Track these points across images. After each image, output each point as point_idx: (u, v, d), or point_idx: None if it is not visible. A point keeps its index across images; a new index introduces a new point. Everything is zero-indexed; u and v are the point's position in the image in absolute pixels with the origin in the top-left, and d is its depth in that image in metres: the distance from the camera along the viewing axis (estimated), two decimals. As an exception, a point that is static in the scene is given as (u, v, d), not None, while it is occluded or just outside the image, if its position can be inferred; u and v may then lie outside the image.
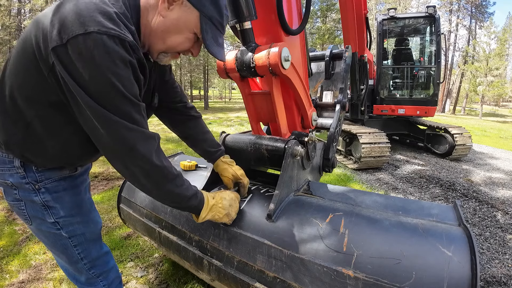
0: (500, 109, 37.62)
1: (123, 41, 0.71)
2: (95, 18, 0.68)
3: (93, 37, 0.67)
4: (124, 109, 0.75)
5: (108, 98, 0.73)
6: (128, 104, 0.76)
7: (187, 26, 0.84)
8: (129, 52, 0.73)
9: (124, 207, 1.77)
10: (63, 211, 0.97)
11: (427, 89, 6.07)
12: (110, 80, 0.70)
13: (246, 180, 1.34)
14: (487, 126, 14.62)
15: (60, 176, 0.97)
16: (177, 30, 0.85)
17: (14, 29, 19.06)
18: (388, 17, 6.00)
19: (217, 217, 1.11)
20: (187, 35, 0.86)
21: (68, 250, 1.03)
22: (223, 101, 38.07)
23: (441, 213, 1.12)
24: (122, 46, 0.71)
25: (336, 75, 2.10)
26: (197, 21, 0.84)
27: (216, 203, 1.11)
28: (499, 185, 4.30)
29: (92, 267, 1.08)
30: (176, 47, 0.88)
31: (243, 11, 1.14)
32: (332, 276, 0.95)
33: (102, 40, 0.67)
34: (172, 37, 0.86)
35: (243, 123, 11.42)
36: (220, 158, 1.35)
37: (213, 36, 0.88)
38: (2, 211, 2.91)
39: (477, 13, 26.88)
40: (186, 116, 1.29)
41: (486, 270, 2.24)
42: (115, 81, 0.71)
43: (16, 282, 1.88)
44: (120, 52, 0.71)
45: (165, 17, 0.83)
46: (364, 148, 4.56)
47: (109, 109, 0.73)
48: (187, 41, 0.88)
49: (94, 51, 0.67)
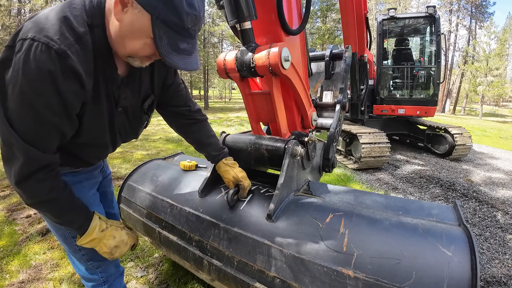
0: (500, 109, 37.61)
1: (50, 49, 0.70)
2: (43, 25, 0.72)
3: (27, 43, 0.70)
4: (26, 124, 0.75)
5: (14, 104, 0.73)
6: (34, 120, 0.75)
7: (142, 31, 0.75)
8: (55, 62, 0.70)
9: (124, 207, 1.77)
10: None
11: (427, 89, 6.07)
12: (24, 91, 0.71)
13: (247, 183, 1.32)
14: (487, 126, 14.63)
15: (62, 171, 0.98)
16: (133, 36, 0.77)
17: (14, 29, 19.07)
18: (388, 17, 6.00)
19: (98, 249, 1.02)
20: (144, 40, 0.76)
21: (68, 240, 1.06)
22: (223, 101, 38.07)
23: (441, 213, 1.12)
24: (48, 54, 0.70)
25: (336, 75, 2.11)
26: (149, 25, 0.73)
27: (101, 238, 1.00)
28: (499, 185, 4.30)
29: (90, 259, 1.10)
30: (137, 53, 0.81)
31: (243, 11, 1.14)
32: (332, 276, 0.95)
33: (32, 48, 0.69)
34: (130, 42, 0.78)
35: (243, 123, 11.42)
36: (222, 160, 1.35)
37: (171, 43, 0.76)
38: (2, 211, 2.91)
39: (477, 13, 26.88)
40: (191, 120, 1.27)
41: (486, 270, 2.24)
42: (29, 91, 0.71)
43: (16, 282, 1.88)
44: (45, 62, 0.70)
45: (120, 21, 0.76)
46: (364, 148, 4.56)
47: (8, 116, 0.74)
48: (146, 47, 0.78)
49: (22, 57, 0.70)
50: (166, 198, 1.51)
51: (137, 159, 5.06)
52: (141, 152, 5.64)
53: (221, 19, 23.26)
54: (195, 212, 1.35)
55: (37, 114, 0.74)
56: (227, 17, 1.19)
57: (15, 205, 3.04)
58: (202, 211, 1.34)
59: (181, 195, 1.49)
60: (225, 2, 1.15)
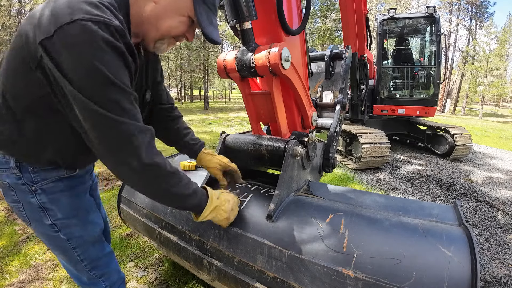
0: (500, 109, 37.60)
1: (109, 26, 0.69)
2: (80, 7, 0.68)
3: (77, 24, 0.65)
4: (112, 97, 0.71)
5: (94, 87, 0.69)
6: (117, 92, 0.72)
7: (180, 9, 0.85)
8: (115, 37, 0.70)
9: (124, 207, 1.77)
10: (60, 213, 0.95)
11: (427, 89, 6.07)
12: (95, 66, 0.67)
13: (234, 166, 1.34)
14: (487, 126, 14.62)
15: (57, 177, 0.94)
16: (171, 14, 0.85)
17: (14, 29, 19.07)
18: (388, 17, 6.00)
19: (217, 219, 1.08)
20: (180, 18, 0.86)
21: (68, 252, 1.01)
22: (223, 101, 38.08)
23: (441, 213, 1.12)
24: (108, 31, 0.69)
25: (336, 75, 2.10)
26: (190, 4, 0.85)
27: (219, 205, 1.07)
28: (499, 185, 4.30)
29: (93, 268, 1.07)
30: (171, 31, 0.88)
31: (243, 11, 1.13)
32: (332, 276, 0.95)
33: (86, 26, 0.66)
34: (166, 21, 0.85)
35: (243, 123, 11.43)
36: (202, 150, 1.35)
37: (208, 18, 0.89)
38: (2, 211, 2.91)
39: (477, 13, 26.88)
40: (172, 116, 1.32)
41: (486, 270, 2.24)
42: (101, 67, 0.68)
43: (16, 282, 1.88)
44: (105, 37, 0.68)
45: (157, 2, 0.83)
46: (364, 148, 4.56)
47: (96, 100, 0.70)
48: (181, 24, 0.88)
49: (78, 38, 0.66)
50: (166, 198, 1.50)
51: (137, 159, 5.05)
52: (141, 152, 5.63)
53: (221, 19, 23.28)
54: (195, 212, 1.35)
55: (120, 91, 0.72)
56: (227, 17, 1.19)
57: (15, 205, 3.04)
58: (202, 211, 1.34)
59: (181, 195, 1.48)
60: (225, 2, 1.15)
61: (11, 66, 0.79)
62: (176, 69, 26.85)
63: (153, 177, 0.83)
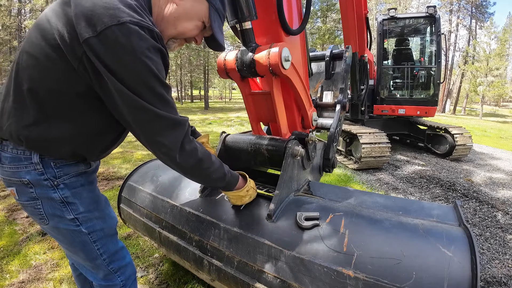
0: (500, 109, 37.59)
1: (152, 31, 0.78)
2: (123, 10, 0.74)
3: (126, 27, 0.72)
4: (158, 90, 0.81)
5: (143, 82, 0.78)
6: (162, 86, 0.82)
7: (198, 14, 0.94)
8: (157, 40, 0.80)
9: (124, 207, 1.77)
10: (82, 207, 0.98)
11: (427, 89, 6.07)
12: (146, 64, 0.76)
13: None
14: (487, 126, 14.62)
15: (77, 171, 0.97)
16: (189, 18, 0.93)
17: (14, 29, 19.08)
18: (388, 17, 6.00)
19: (239, 200, 1.23)
20: (196, 23, 0.95)
21: (87, 246, 1.03)
22: (223, 101, 38.08)
23: (442, 213, 1.12)
24: (151, 35, 0.78)
25: (336, 75, 2.10)
26: (207, 11, 0.95)
27: (244, 195, 1.22)
28: (500, 185, 4.30)
29: (111, 262, 1.09)
30: (186, 33, 0.96)
31: (244, 11, 1.14)
32: (332, 276, 0.95)
33: (135, 30, 0.73)
34: (184, 23, 0.94)
35: (243, 123, 11.43)
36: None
37: (219, 25, 1.00)
38: (2, 211, 2.91)
39: (477, 13, 26.87)
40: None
41: (486, 270, 2.24)
42: (150, 64, 0.77)
43: (16, 282, 1.88)
44: (151, 40, 0.77)
45: (178, 5, 0.91)
46: (365, 148, 4.56)
47: (141, 95, 0.78)
48: (196, 28, 0.96)
49: (131, 38, 0.73)
50: (166, 198, 1.51)
51: (137, 159, 5.06)
52: (141, 152, 5.63)
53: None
54: (195, 212, 1.35)
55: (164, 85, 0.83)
56: (227, 17, 1.19)
57: (15, 205, 3.04)
58: (202, 211, 1.34)
59: (181, 195, 1.49)
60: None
61: (43, 63, 0.80)
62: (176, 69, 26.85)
63: (189, 166, 0.96)
